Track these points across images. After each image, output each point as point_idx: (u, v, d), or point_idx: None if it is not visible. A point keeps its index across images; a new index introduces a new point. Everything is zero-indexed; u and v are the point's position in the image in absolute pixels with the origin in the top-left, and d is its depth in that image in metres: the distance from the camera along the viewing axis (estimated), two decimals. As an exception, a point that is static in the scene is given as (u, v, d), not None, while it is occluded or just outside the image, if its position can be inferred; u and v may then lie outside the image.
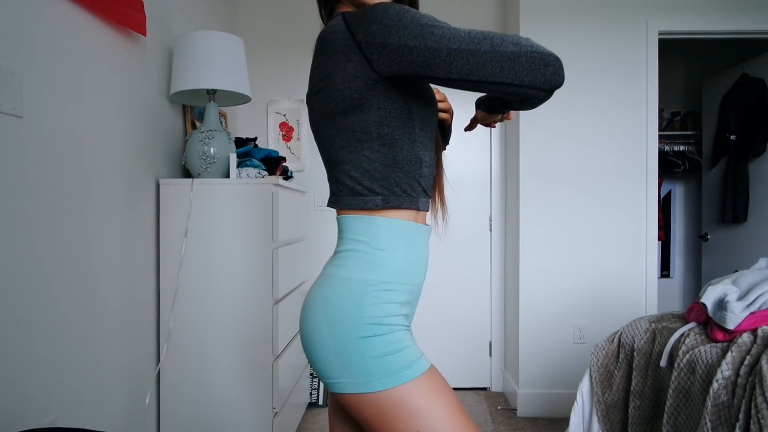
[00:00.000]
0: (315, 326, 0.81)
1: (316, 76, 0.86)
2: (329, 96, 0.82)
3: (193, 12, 2.22)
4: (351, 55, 0.77)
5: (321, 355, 0.81)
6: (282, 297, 1.92)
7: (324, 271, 0.86)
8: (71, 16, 1.36)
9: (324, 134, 0.87)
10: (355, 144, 0.82)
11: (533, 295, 2.60)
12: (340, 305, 0.80)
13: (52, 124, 1.28)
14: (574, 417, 1.76)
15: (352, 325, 0.78)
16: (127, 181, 1.64)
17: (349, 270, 0.82)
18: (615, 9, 2.57)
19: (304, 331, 0.84)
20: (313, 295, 0.84)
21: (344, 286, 0.81)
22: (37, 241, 1.23)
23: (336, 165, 0.86)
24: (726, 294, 1.46)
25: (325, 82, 0.83)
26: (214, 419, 1.80)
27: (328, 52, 0.81)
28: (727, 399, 1.25)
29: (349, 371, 0.78)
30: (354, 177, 0.84)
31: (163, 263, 1.80)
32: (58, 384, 1.30)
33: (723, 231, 3.32)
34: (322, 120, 0.86)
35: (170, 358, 1.80)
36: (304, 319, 0.84)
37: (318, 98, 0.85)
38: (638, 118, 2.58)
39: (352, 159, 0.83)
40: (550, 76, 0.71)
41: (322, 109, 0.85)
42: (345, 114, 0.82)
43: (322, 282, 0.84)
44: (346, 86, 0.79)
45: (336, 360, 0.79)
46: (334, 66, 0.80)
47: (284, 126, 2.90)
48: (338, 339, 0.79)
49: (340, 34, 0.79)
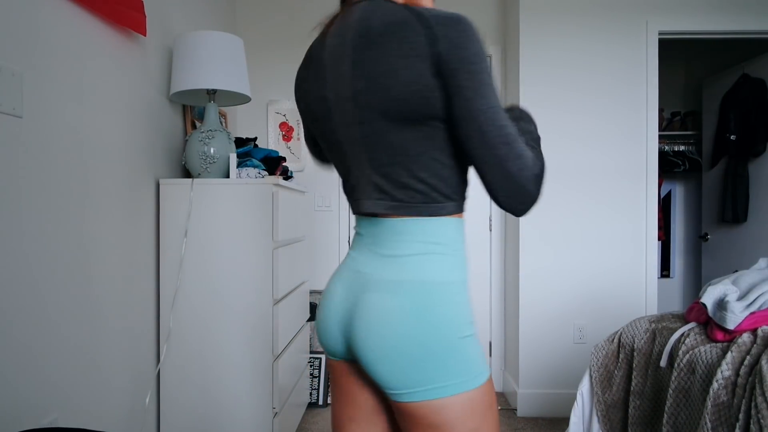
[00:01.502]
0: (406, 336, 0.77)
1: (369, 68, 0.78)
2: (401, 95, 0.76)
3: (193, 12, 2.22)
4: (425, 60, 0.74)
5: (413, 363, 0.77)
6: (282, 297, 1.92)
7: (395, 278, 0.81)
8: (71, 16, 1.36)
9: (391, 138, 0.80)
10: (434, 152, 0.80)
11: (533, 295, 2.60)
12: (439, 309, 0.79)
13: (52, 124, 1.28)
14: (574, 417, 1.76)
15: (454, 326, 0.78)
16: (127, 181, 1.64)
17: (436, 273, 0.81)
18: (615, 9, 2.57)
19: (388, 342, 0.78)
20: (397, 304, 0.79)
21: (438, 290, 0.80)
22: (37, 241, 1.23)
23: (407, 171, 0.81)
24: (726, 294, 1.46)
25: (390, 79, 0.76)
26: (214, 419, 1.80)
27: (394, 46, 0.75)
28: (727, 399, 1.25)
29: (449, 373, 0.77)
30: (431, 185, 0.81)
31: (163, 263, 1.80)
32: (57, 384, 1.30)
33: (723, 231, 3.32)
34: (386, 120, 0.79)
35: (170, 358, 1.80)
36: (388, 331, 0.78)
37: (379, 96, 0.78)
38: (638, 118, 2.58)
39: (430, 167, 0.80)
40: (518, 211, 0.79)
41: (387, 110, 0.78)
42: (429, 120, 0.78)
43: (405, 289, 0.79)
44: (419, 87, 0.75)
45: (434, 365, 0.77)
46: (406, 64, 0.75)
47: (284, 126, 2.90)
48: (439, 343, 0.77)
49: (412, 31, 0.75)
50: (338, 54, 0.82)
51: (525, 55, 2.59)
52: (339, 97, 0.83)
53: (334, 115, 0.85)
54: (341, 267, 0.92)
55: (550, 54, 2.59)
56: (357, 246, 0.90)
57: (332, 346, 0.90)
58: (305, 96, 0.90)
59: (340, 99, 0.83)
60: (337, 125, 0.85)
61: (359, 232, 0.90)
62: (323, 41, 0.87)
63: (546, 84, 2.59)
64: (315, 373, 2.74)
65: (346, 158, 0.87)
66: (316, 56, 0.88)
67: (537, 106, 2.60)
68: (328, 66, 0.85)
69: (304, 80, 0.90)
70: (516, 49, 2.65)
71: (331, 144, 0.89)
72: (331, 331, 0.89)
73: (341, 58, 0.82)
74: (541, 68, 2.59)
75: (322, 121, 0.88)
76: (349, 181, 0.90)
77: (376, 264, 0.84)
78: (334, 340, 0.89)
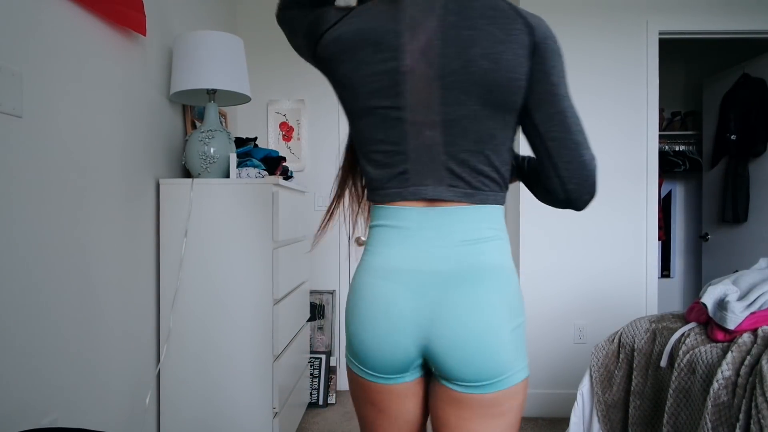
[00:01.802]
0: (498, 324, 0.77)
1: (466, 49, 0.75)
2: (499, 82, 0.76)
3: (193, 12, 2.22)
4: (526, 50, 0.76)
5: (504, 347, 0.77)
6: (282, 297, 1.92)
7: (479, 265, 0.78)
8: (71, 16, 1.36)
9: (481, 124, 0.78)
10: (509, 143, 0.83)
11: (533, 295, 2.60)
12: (515, 293, 0.80)
13: (51, 124, 1.28)
14: (575, 417, 1.76)
15: (521, 311, 0.81)
16: (127, 181, 1.64)
17: (507, 259, 0.82)
18: (615, 9, 2.57)
19: (482, 332, 0.76)
20: (485, 292, 0.77)
21: (511, 275, 0.81)
22: (37, 241, 1.23)
23: (486, 159, 0.79)
24: (726, 294, 1.46)
25: (492, 64, 0.75)
26: (215, 419, 1.79)
27: (496, 31, 0.75)
28: (728, 399, 1.25)
29: (520, 357, 0.80)
30: (502, 174, 0.82)
31: (163, 263, 1.80)
32: (57, 384, 1.30)
33: (723, 231, 3.32)
34: (480, 105, 0.77)
35: (170, 358, 1.80)
36: (482, 320, 0.76)
37: (477, 79, 0.76)
38: (638, 118, 2.58)
39: (504, 156, 0.81)
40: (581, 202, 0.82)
41: (484, 94, 0.76)
42: (515, 110, 0.79)
43: (489, 275, 0.78)
44: (518, 74, 0.76)
45: (514, 348, 0.79)
46: (508, 50, 0.75)
47: (284, 126, 2.90)
48: (519, 327, 0.80)
49: (512, 19, 0.76)
50: (423, 27, 0.77)
51: (525, 55, 2.59)
52: (421, 74, 0.77)
53: (409, 92, 0.78)
54: (385, 270, 0.81)
55: (551, 54, 2.58)
56: (398, 241, 0.81)
57: (396, 362, 0.81)
58: (359, 62, 0.79)
59: (421, 76, 0.77)
60: (409, 103, 0.78)
61: (399, 225, 0.81)
62: (393, 8, 0.79)
63: (546, 84, 2.59)
64: (315, 373, 2.74)
65: (405, 139, 0.80)
66: (382, 23, 0.79)
67: (537, 106, 2.59)
68: (407, 37, 0.77)
69: (359, 44, 0.79)
70: (516, 49, 2.64)
71: (386, 121, 0.80)
72: (399, 343, 0.79)
73: (427, 32, 0.77)
74: (542, 68, 2.59)
75: (381, 95, 0.79)
76: (399, 164, 0.81)
77: (450, 254, 0.78)
78: (403, 352, 0.80)
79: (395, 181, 0.81)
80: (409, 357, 0.80)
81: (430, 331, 0.77)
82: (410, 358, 0.81)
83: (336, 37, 0.81)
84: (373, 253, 0.83)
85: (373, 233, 0.85)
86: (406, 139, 0.79)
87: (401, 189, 0.81)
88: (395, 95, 0.78)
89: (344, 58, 0.80)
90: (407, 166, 0.80)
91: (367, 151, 0.84)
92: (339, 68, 0.82)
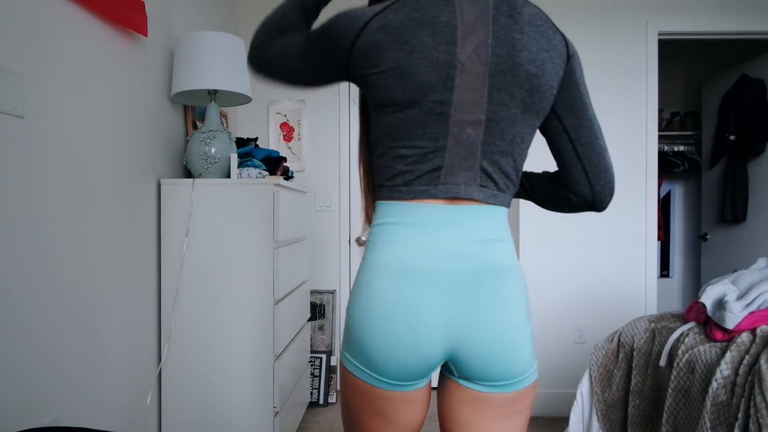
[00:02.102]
0: (521, 322, 0.79)
1: (516, 51, 0.77)
2: (541, 87, 0.80)
3: (194, 13, 2.23)
4: (562, 62, 0.82)
5: (526, 345, 0.80)
6: (282, 297, 1.92)
7: (502, 264, 0.79)
8: (73, 17, 1.37)
9: (518, 126, 0.80)
10: (529, 147, 0.86)
11: (533, 295, 2.61)
12: (527, 293, 0.84)
13: (53, 124, 1.28)
14: (574, 416, 1.77)
15: (530, 310, 0.84)
16: (128, 181, 1.64)
17: (516, 259, 0.84)
18: (615, 9, 2.57)
19: (509, 331, 0.77)
20: (510, 290, 0.79)
21: (523, 275, 0.84)
22: (39, 241, 1.23)
23: (513, 162, 0.82)
24: (725, 294, 1.47)
25: (537, 69, 0.79)
26: (215, 419, 1.80)
27: (545, 37, 0.80)
28: (726, 398, 1.26)
29: (534, 356, 0.82)
30: (519, 178, 0.87)
31: (165, 263, 1.81)
32: (59, 383, 1.30)
33: (722, 231, 3.32)
34: (521, 109, 0.80)
35: (171, 358, 1.80)
36: (508, 319, 0.77)
37: (523, 82, 0.78)
38: (638, 118, 2.59)
39: (524, 160, 0.86)
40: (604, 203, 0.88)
41: (527, 98, 0.79)
42: (543, 116, 0.84)
43: (510, 274, 0.80)
44: (554, 83, 0.82)
45: (532, 347, 0.81)
46: (550, 59, 0.80)
47: (285, 126, 2.90)
48: (530, 326, 0.82)
49: (553, 30, 0.82)
50: (476, 25, 0.77)
51: (525, 55, 2.59)
52: (473, 70, 0.76)
53: (458, 86, 0.76)
54: (402, 270, 0.76)
55: (550, 54, 2.59)
56: (414, 239, 0.78)
57: (419, 367, 0.77)
58: (412, 49, 0.75)
59: (473, 73, 0.76)
60: (456, 98, 0.76)
61: (415, 222, 0.78)
62: (448, 5, 0.77)
63: (546, 84, 2.59)
64: (316, 372, 2.75)
65: (446, 135, 0.77)
66: (436, 14, 0.76)
67: (537, 106, 2.60)
68: (461, 32, 0.76)
69: (413, 31, 0.76)
70: (516, 50, 2.65)
71: (429, 115, 0.77)
72: (426, 348, 0.76)
73: (480, 30, 0.76)
74: (541, 68, 2.59)
75: (431, 88, 0.76)
76: (433, 161, 0.78)
77: (471, 253, 0.77)
78: (430, 357, 0.76)
79: (426, 178, 0.78)
80: (434, 362, 0.77)
81: (460, 334, 0.76)
82: (435, 363, 0.78)
83: (385, 23, 0.76)
84: (382, 251, 0.79)
85: (379, 231, 0.81)
86: (447, 136, 0.77)
87: (430, 186, 0.78)
88: (445, 89, 0.76)
89: (395, 45, 0.75)
90: (442, 164, 0.78)
91: (397, 146, 0.80)
92: (388, 56, 0.76)
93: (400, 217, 0.79)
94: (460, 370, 0.79)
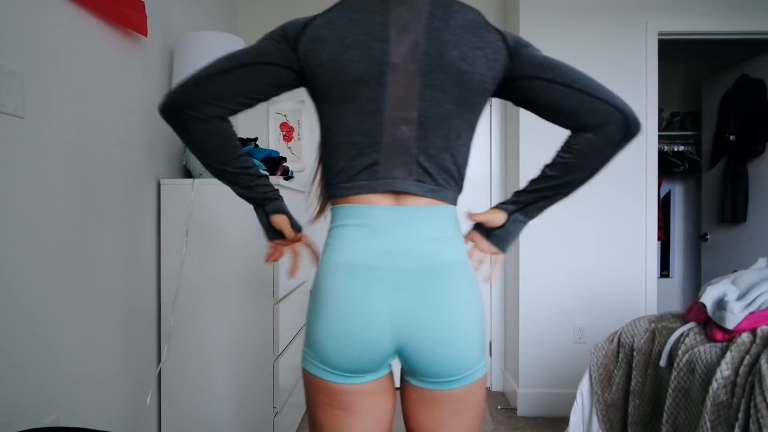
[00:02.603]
0: (472, 317, 0.82)
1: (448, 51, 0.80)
2: (472, 83, 0.82)
3: (194, 13, 2.23)
4: (499, 56, 0.83)
5: (475, 342, 0.82)
6: (283, 297, 1.92)
7: (450, 261, 0.82)
8: (73, 17, 1.37)
9: (452, 122, 0.82)
10: (470, 143, 0.87)
11: (533, 295, 2.61)
12: (478, 289, 0.85)
13: (53, 124, 1.28)
14: (574, 416, 1.77)
15: (482, 305, 0.86)
16: (128, 181, 1.64)
17: (467, 257, 0.86)
18: (615, 9, 2.57)
19: (459, 327, 0.80)
20: (460, 287, 0.81)
21: (473, 272, 0.86)
22: (39, 241, 1.23)
23: (452, 158, 0.84)
24: (725, 294, 1.47)
25: (472, 64, 0.81)
26: (215, 419, 1.80)
27: (478, 37, 0.82)
28: (727, 399, 1.26)
29: (481, 353, 0.84)
30: (462, 174, 0.87)
31: (164, 263, 1.81)
32: (59, 383, 1.30)
33: (722, 231, 3.32)
34: (454, 105, 0.82)
35: (171, 358, 1.80)
36: (459, 315, 0.80)
37: (455, 79, 0.81)
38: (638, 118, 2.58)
39: (465, 157, 0.87)
40: (637, 120, 0.87)
41: (460, 95, 0.82)
42: (479, 112, 0.86)
43: (460, 271, 0.82)
44: (487, 79, 0.83)
45: (481, 343, 0.84)
46: (483, 56, 0.82)
47: (285, 126, 2.90)
48: (483, 322, 0.84)
49: (491, 30, 0.84)
50: (410, 27, 0.81)
51: (525, 55, 2.59)
52: (405, 69, 0.80)
53: (390, 84, 0.80)
54: (353, 267, 0.80)
55: (550, 54, 2.58)
56: (365, 239, 0.80)
57: (371, 359, 0.80)
58: (347, 47, 0.80)
59: (405, 71, 0.80)
60: (389, 94, 0.80)
61: (365, 223, 0.81)
62: (384, 7, 0.81)
63: (546, 84, 2.59)
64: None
65: (381, 131, 0.81)
66: (371, 15, 0.81)
67: (537, 106, 2.60)
68: (395, 35, 0.80)
69: (349, 29, 0.80)
70: (516, 50, 2.65)
71: (364, 111, 0.81)
72: (375, 340, 0.79)
73: (413, 31, 0.81)
74: (541, 68, 2.59)
75: (365, 84, 0.80)
76: (370, 156, 0.81)
77: (419, 251, 0.80)
78: (380, 349, 0.79)
79: (365, 173, 0.82)
80: (384, 354, 0.80)
81: (407, 328, 0.79)
82: (385, 355, 0.81)
83: (329, 20, 0.82)
84: (335, 251, 0.82)
85: (334, 233, 0.85)
86: (382, 132, 0.81)
87: (370, 181, 0.82)
88: (378, 85, 0.80)
89: (335, 39, 0.80)
90: (379, 158, 0.81)
91: (339, 143, 0.83)
92: (329, 49, 0.80)
93: (352, 219, 0.83)
94: (409, 365, 0.82)
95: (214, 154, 0.88)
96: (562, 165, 0.88)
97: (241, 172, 0.91)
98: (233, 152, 0.89)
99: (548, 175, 0.89)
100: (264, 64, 0.83)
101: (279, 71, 0.84)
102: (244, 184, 0.92)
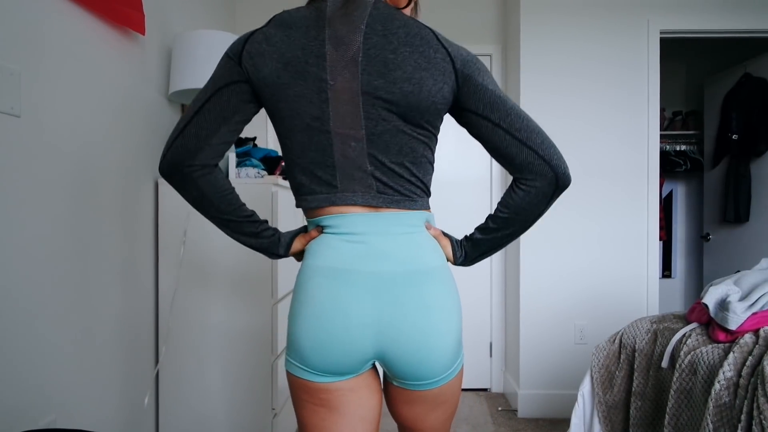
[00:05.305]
0: (449, 319, 0.84)
1: (389, 70, 0.79)
2: (420, 104, 0.81)
3: (192, 11, 2.22)
4: (447, 78, 0.82)
5: (453, 345, 0.85)
6: (282, 297, 1.91)
7: (428, 266, 0.84)
8: (70, 15, 1.36)
9: (402, 138, 0.83)
10: (429, 155, 0.87)
11: (534, 295, 2.60)
12: (457, 292, 0.87)
13: (50, 123, 1.28)
14: (575, 418, 1.75)
15: (460, 306, 0.89)
16: (125, 180, 1.63)
17: (445, 261, 0.89)
18: (616, 8, 2.56)
19: (437, 330, 0.82)
20: (437, 290, 0.83)
21: (452, 276, 0.88)
22: (35, 241, 1.22)
23: (408, 171, 0.84)
24: (728, 294, 1.46)
25: (414, 86, 0.80)
26: (214, 420, 1.79)
27: (423, 57, 0.80)
28: (729, 400, 1.25)
29: (458, 353, 0.87)
30: (426, 183, 0.88)
31: (162, 263, 1.80)
32: (56, 385, 1.30)
33: (725, 231, 3.31)
34: (402, 122, 0.82)
35: (169, 359, 1.79)
36: (437, 318, 0.82)
37: (399, 99, 0.80)
38: (639, 118, 2.57)
39: (427, 169, 0.87)
40: (567, 175, 0.85)
41: (406, 113, 0.81)
42: (435, 128, 0.86)
43: (437, 275, 0.84)
44: (437, 99, 0.82)
45: (459, 345, 0.87)
46: (430, 77, 0.80)
47: (284, 126, 2.89)
48: (460, 322, 0.87)
49: (438, 50, 0.81)
50: (347, 43, 0.79)
51: (525, 54, 2.58)
52: (345, 87, 0.79)
53: (332, 101, 0.79)
54: (334, 271, 0.81)
55: (551, 53, 2.58)
56: (344, 245, 0.82)
57: (352, 361, 0.82)
58: (285, 62, 0.79)
59: (344, 89, 0.79)
60: (333, 114, 0.80)
61: (343, 231, 0.83)
62: (319, 22, 0.80)
63: (546, 83, 2.58)
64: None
65: (331, 148, 0.81)
66: (308, 31, 0.80)
67: (537, 105, 2.59)
68: (331, 50, 0.79)
69: (286, 45, 0.80)
70: (516, 48, 2.64)
71: (311, 127, 0.81)
72: (356, 342, 0.80)
73: (351, 48, 0.79)
74: (542, 68, 2.58)
75: (307, 100, 0.80)
76: (325, 170, 0.83)
77: (398, 257, 0.82)
78: (360, 351, 0.81)
79: (325, 188, 0.84)
80: (364, 356, 0.82)
81: (387, 333, 0.80)
82: (365, 358, 0.83)
83: (267, 35, 0.81)
84: (316, 257, 0.84)
85: (316, 240, 0.87)
86: (332, 149, 0.81)
87: (330, 195, 0.83)
88: (321, 102, 0.80)
89: (274, 55, 0.80)
90: (335, 173, 0.82)
91: (295, 158, 0.85)
92: (269, 65, 0.80)
93: (332, 228, 0.84)
94: (390, 370, 0.85)
95: (219, 204, 0.89)
96: (502, 219, 0.90)
97: (244, 220, 0.92)
98: (235, 201, 0.91)
99: (490, 227, 0.92)
100: (225, 86, 0.83)
101: (241, 86, 0.84)
102: (250, 232, 0.93)
